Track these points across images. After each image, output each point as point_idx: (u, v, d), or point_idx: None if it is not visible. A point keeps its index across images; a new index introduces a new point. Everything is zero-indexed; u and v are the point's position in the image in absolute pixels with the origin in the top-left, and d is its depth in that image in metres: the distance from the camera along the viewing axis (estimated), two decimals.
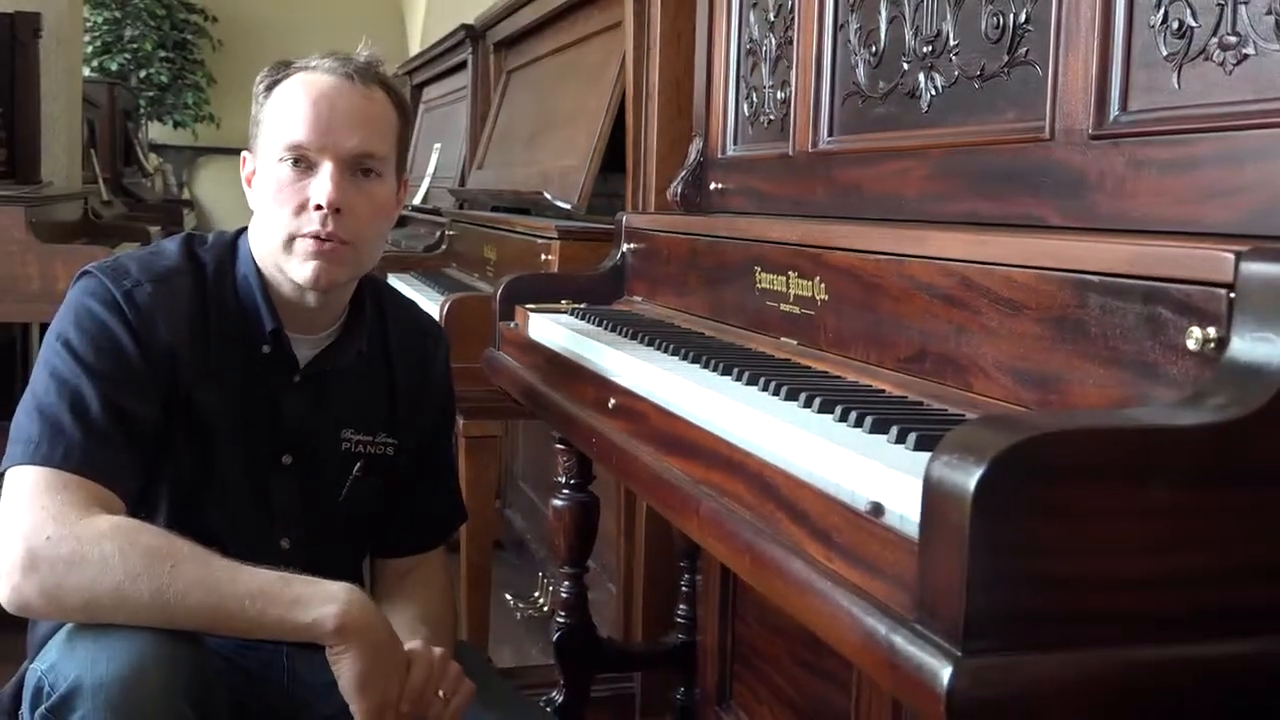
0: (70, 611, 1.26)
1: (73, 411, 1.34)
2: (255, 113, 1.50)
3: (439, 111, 4.82)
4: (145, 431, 1.39)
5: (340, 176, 1.43)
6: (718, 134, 2.06)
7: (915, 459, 0.93)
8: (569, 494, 2.06)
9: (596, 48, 2.94)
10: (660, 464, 1.29)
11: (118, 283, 1.42)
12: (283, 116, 1.45)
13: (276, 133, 1.45)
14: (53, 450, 1.31)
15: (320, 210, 1.42)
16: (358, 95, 1.47)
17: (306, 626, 1.27)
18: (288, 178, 1.44)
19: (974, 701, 0.74)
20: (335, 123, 1.44)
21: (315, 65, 1.48)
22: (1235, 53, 1.03)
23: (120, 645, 1.22)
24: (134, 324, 1.40)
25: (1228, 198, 1.02)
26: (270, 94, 1.48)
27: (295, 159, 1.44)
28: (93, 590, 1.24)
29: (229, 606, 1.26)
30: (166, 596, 1.24)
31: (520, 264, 2.64)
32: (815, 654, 1.83)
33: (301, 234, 1.44)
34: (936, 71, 1.46)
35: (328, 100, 1.45)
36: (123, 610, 1.24)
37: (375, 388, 1.59)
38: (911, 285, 1.27)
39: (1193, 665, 0.79)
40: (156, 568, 1.25)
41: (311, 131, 1.43)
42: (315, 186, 1.43)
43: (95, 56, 9.83)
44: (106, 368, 1.37)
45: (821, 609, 0.91)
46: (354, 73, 1.47)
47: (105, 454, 1.34)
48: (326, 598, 1.28)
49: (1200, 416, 0.80)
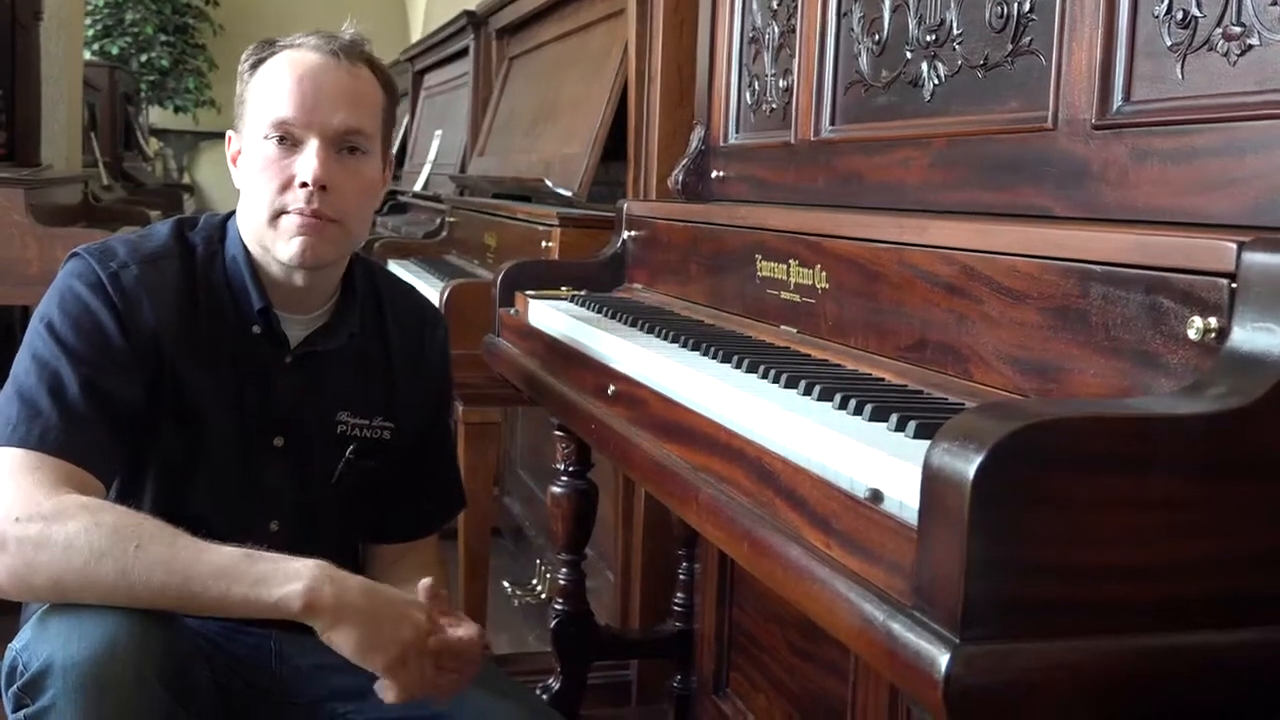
0: (40, 591, 1.26)
1: (51, 394, 1.33)
2: (240, 91, 1.50)
3: (441, 98, 4.81)
4: (127, 414, 1.38)
5: (326, 154, 1.43)
6: (719, 122, 2.05)
7: (915, 446, 0.93)
8: (567, 481, 2.06)
9: (599, 35, 2.93)
10: (659, 451, 1.29)
11: (104, 265, 1.42)
12: (268, 94, 1.45)
13: (262, 110, 1.45)
14: (29, 431, 1.31)
15: (305, 187, 1.42)
16: (343, 73, 1.46)
17: (273, 605, 1.25)
18: (273, 155, 1.44)
19: (971, 688, 0.74)
20: (321, 100, 1.44)
21: (301, 43, 1.48)
22: (1239, 43, 1.03)
23: (92, 625, 1.21)
24: (119, 306, 1.40)
25: (1230, 188, 1.02)
26: (255, 72, 1.48)
27: (281, 136, 1.43)
28: (60, 571, 1.23)
29: (193, 587, 1.24)
30: (131, 577, 1.23)
31: (521, 251, 2.63)
32: (813, 642, 1.83)
33: (287, 210, 1.44)
34: (940, 60, 1.45)
35: (313, 78, 1.44)
36: (90, 590, 1.24)
37: (372, 371, 1.59)
38: (912, 274, 1.27)
39: (1192, 654, 0.79)
40: (120, 547, 1.24)
41: (297, 109, 1.43)
42: (301, 163, 1.43)
43: (96, 40, 9.82)
44: (87, 350, 1.37)
45: (819, 595, 0.91)
46: (339, 50, 1.47)
47: (82, 436, 1.33)
48: (291, 575, 1.25)
49: (1201, 406, 0.80)
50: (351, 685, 1.47)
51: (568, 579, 2.13)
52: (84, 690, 1.18)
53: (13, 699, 1.22)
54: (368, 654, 1.27)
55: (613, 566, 2.60)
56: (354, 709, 1.46)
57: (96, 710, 1.18)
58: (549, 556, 2.84)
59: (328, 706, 1.47)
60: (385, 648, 1.27)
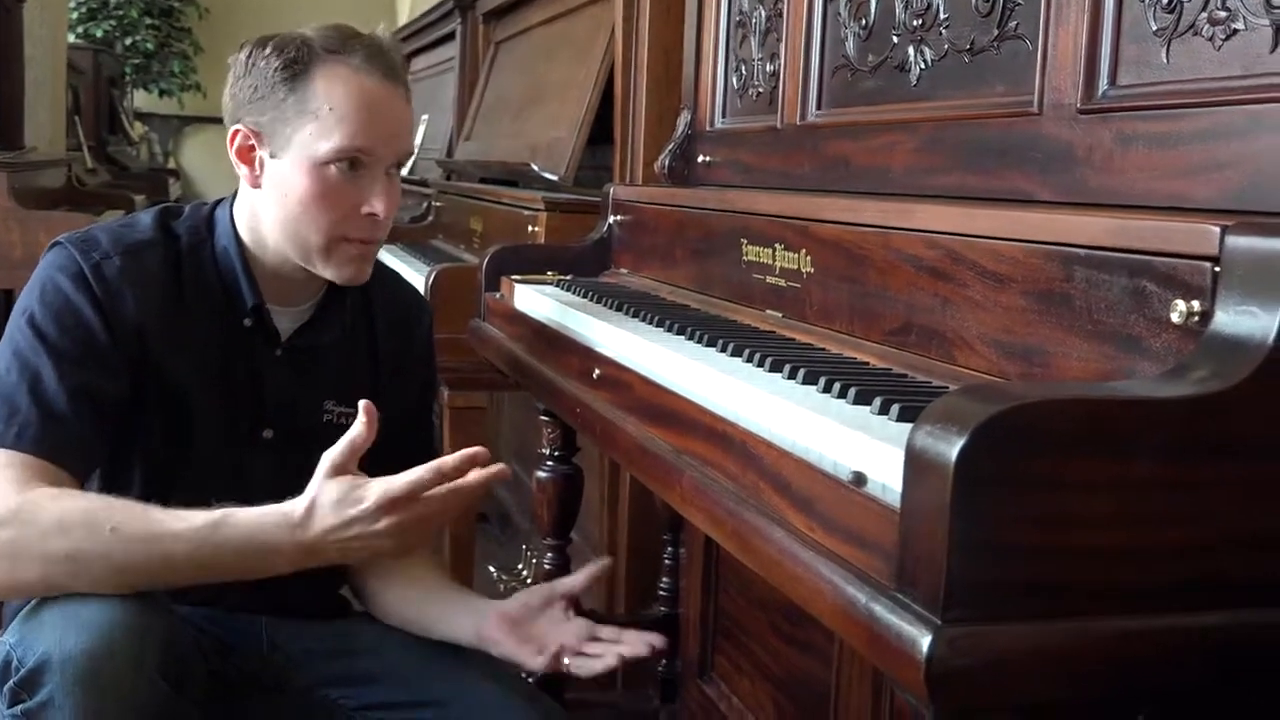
0: (28, 589, 1.26)
1: (31, 391, 1.32)
2: (269, 94, 1.41)
3: (427, 82, 4.79)
4: (109, 408, 1.37)
5: (390, 182, 1.44)
6: (706, 106, 2.05)
7: (898, 430, 0.93)
8: (553, 466, 2.06)
9: (585, 19, 2.92)
10: (644, 435, 1.28)
11: (86, 255, 1.40)
12: (335, 118, 1.39)
13: (327, 133, 1.39)
14: (5, 430, 1.30)
15: (374, 217, 1.42)
16: (401, 101, 1.46)
17: (274, 545, 1.26)
18: (338, 180, 1.41)
19: (953, 670, 0.75)
20: (392, 130, 1.43)
21: (354, 60, 1.41)
22: (1224, 28, 1.03)
23: (88, 617, 1.21)
24: (100, 298, 1.38)
25: (1215, 173, 1.02)
26: (302, 82, 1.40)
27: (351, 163, 1.41)
28: (42, 568, 1.23)
29: (179, 550, 1.24)
30: (115, 559, 1.23)
31: (507, 235, 2.63)
32: (797, 626, 1.84)
33: (350, 238, 1.43)
34: (926, 45, 1.45)
35: (385, 109, 1.42)
36: (79, 580, 1.23)
37: (358, 359, 1.59)
38: (897, 258, 1.27)
39: (1172, 637, 0.79)
40: (97, 533, 1.23)
41: (374, 141, 1.41)
42: (373, 193, 1.42)
43: (80, 23, 9.74)
44: (68, 345, 1.36)
45: (803, 578, 0.92)
46: (396, 75, 1.45)
47: (60, 433, 1.32)
48: (272, 510, 1.27)
49: (1183, 389, 0.80)
50: (343, 671, 1.47)
51: (553, 564, 2.13)
52: (82, 684, 1.17)
53: (8, 695, 1.21)
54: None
55: (598, 551, 2.60)
56: (346, 695, 1.46)
57: (96, 704, 1.17)
58: (535, 542, 2.83)
59: (320, 692, 1.47)
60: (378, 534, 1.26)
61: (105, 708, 1.17)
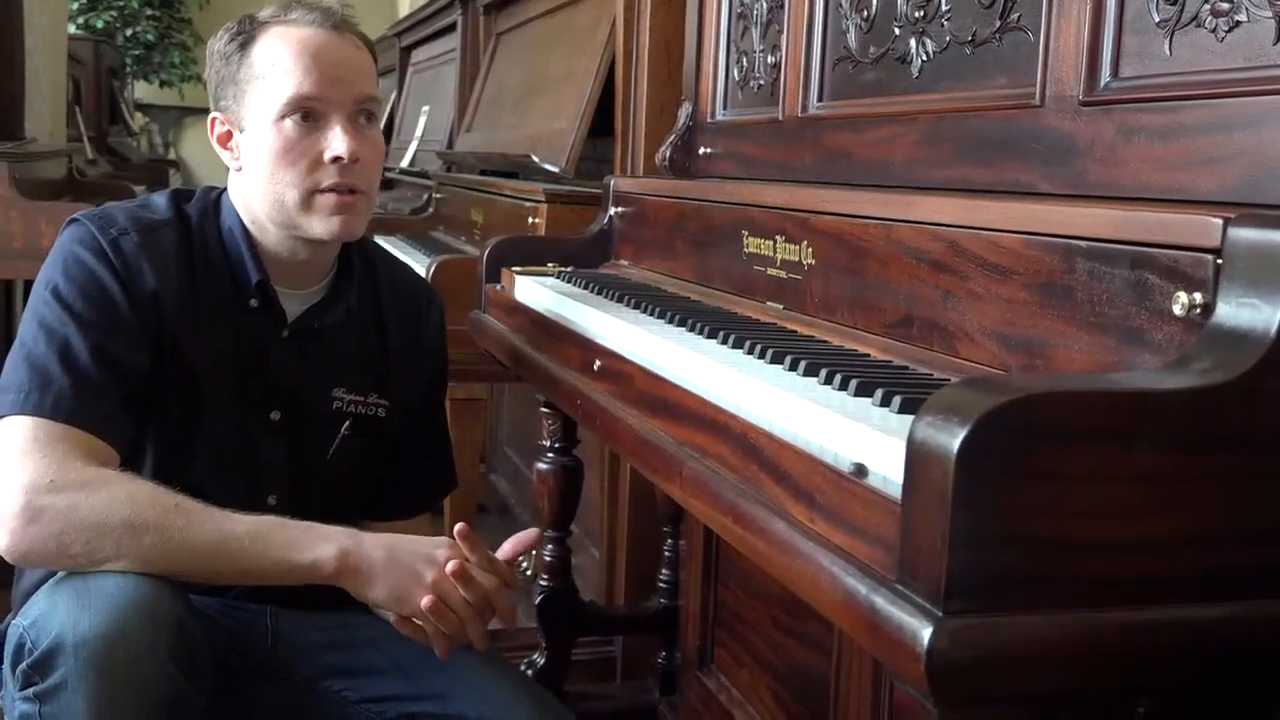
0: (75, 557, 1.26)
1: (62, 361, 1.33)
2: (226, 73, 1.47)
3: (428, 74, 4.79)
4: (134, 380, 1.38)
5: (351, 126, 1.43)
6: (707, 98, 2.04)
7: (899, 421, 0.93)
8: (553, 458, 2.06)
9: (587, 10, 2.92)
10: (644, 426, 1.28)
11: (105, 231, 1.41)
12: (278, 73, 1.42)
13: (274, 90, 1.42)
14: (43, 399, 1.31)
15: (339, 162, 1.42)
16: (349, 45, 1.47)
17: (307, 566, 1.29)
18: (296, 134, 1.42)
19: (954, 662, 0.74)
20: (339, 73, 1.44)
21: (293, 19, 1.46)
22: (1227, 19, 1.02)
23: (103, 602, 1.21)
24: (120, 272, 1.39)
25: (1217, 165, 1.02)
26: (248, 52, 1.45)
27: (304, 114, 1.42)
28: (98, 535, 1.25)
29: (230, 547, 1.28)
30: (172, 543, 1.26)
31: (507, 227, 2.63)
32: (797, 619, 1.84)
33: (321, 189, 1.43)
34: (928, 37, 1.45)
35: (328, 53, 1.44)
36: (125, 557, 1.25)
37: (367, 348, 1.59)
38: (899, 250, 1.26)
39: (1173, 629, 0.79)
40: (160, 514, 1.26)
41: (319, 84, 1.42)
42: (331, 139, 1.42)
43: (81, 14, 9.74)
44: (94, 316, 1.37)
45: (803, 570, 0.91)
46: (339, 24, 1.47)
47: (95, 404, 1.33)
48: (321, 538, 1.30)
49: (1184, 381, 0.80)
50: (346, 663, 1.47)
51: (553, 555, 2.14)
52: (96, 667, 1.17)
53: (21, 677, 1.21)
54: (401, 602, 1.31)
55: (598, 543, 2.60)
56: (348, 686, 1.47)
57: (109, 688, 1.17)
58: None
59: (323, 684, 1.47)
60: (413, 591, 1.30)
61: (118, 692, 1.18)
